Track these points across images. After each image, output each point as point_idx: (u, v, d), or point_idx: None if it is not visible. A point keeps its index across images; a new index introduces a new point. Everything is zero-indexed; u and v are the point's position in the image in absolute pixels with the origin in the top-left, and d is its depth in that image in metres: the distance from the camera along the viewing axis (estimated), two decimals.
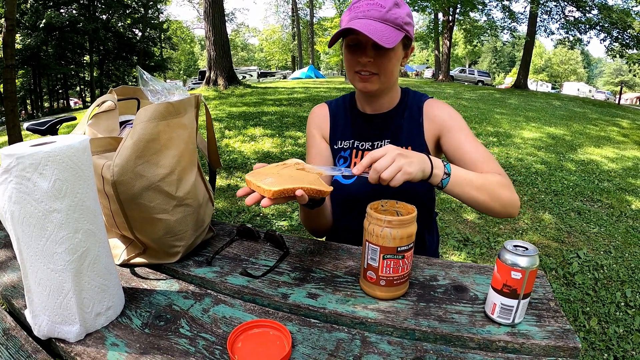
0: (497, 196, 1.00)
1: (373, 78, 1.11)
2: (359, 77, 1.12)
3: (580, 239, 3.52)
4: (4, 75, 6.06)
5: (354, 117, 1.27)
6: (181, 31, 45.62)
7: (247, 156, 5.70)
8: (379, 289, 0.84)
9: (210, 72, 12.72)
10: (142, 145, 0.86)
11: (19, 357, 0.70)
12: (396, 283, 0.83)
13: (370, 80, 1.11)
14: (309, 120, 1.34)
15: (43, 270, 0.71)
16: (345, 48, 1.13)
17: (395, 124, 1.21)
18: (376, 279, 0.83)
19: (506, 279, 0.73)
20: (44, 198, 0.67)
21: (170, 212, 0.92)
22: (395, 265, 0.81)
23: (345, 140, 1.26)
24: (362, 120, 1.25)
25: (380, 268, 0.81)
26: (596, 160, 6.17)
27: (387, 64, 1.09)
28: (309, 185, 0.83)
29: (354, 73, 1.13)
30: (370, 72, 1.09)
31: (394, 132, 1.21)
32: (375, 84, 1.12)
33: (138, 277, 0.96)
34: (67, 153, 0.68)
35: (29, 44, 24.14)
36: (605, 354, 2.13)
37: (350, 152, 1.24)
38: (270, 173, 0.86)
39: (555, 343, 0.71)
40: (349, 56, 1.12)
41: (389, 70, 1.10)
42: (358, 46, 1.09)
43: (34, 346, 0.73)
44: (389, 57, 1.08)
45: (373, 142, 1.22)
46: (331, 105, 1.33)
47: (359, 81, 1.13)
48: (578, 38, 22.30)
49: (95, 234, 0.76)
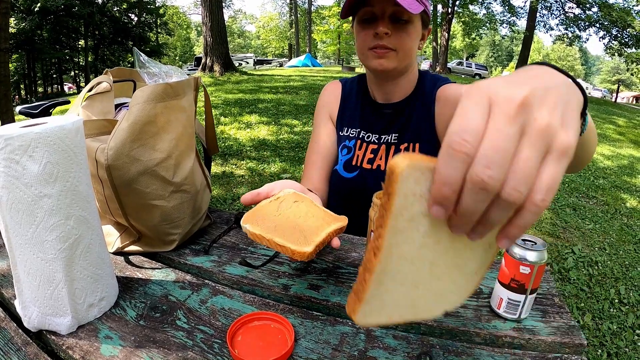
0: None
1: (390, 54, 1.00)
2: (374, 54, 1.01)
3: (576, 234, 3.53)
4: None
5: (364, 104, 1.19)
6: (177, 17, 45.31)
7: (243, 143, 5.68)
8: None
9: (206, 58, 12.66)
10: (138, 128, 0.83)
11: (8, 350, 0.67)
12: None
13: (387, 57, 1.00)
14: (320, 98, 1.27)
15: (33, 260, 0.67)
16: (358, 24, 1.04)
17: (406, 116, 1.12)
18: None
19: (514, 274, 0.70)
20: (34, 182, 0.63)
21: (166, 199, 0.89)
22: None
23: (351, 128, 1.19)
24: (372, 110, 1.17)
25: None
26: (592, 158, 6.18)
27: (406, 39, 0.99)
28: (334, 227, 0.78)
29: (367, 50, 1.02)
30: (387, 47, 0.99)
31: (404, 125, 1.12)
32: (392, 60, 1.01)
33: (132, 266, 0.93)
34: (58, 134, 0.64)
35: (23, 28, 23.84)
36: (599, 350, 2.13)
37: (355, 143, 1.17)
38: (274, 217, 0.75)
39: (561, 339, 0.69)
40: (362, 32, 1.02)
41: (408, 47, 1.00)
42: (373, 19, 1.00)
43: (23, 339, 0.70)
44: (407, 31, 0.99)
45: (380, 136, 1.14)
46: (345, 86, 1.25)
47: (374, 58, 1.02)
48: (577, 35, 22.35)
49: (88, 220, 0.72)
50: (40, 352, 0.67)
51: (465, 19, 24.71)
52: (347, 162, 1.17)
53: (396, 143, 1.11)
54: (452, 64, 29.00)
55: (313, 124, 1.28)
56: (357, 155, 1.16)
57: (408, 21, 0.98)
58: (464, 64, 30.04)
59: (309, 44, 39.80)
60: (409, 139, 1.10)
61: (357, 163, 1.15)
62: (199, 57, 21.15)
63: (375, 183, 1.11)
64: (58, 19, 25.60)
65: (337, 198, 1.19)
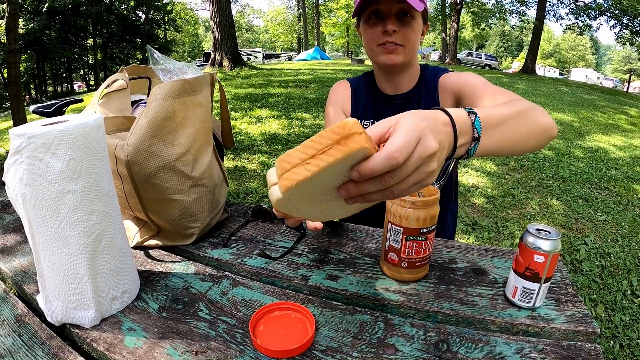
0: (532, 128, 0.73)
1: (398, 49, 1.08)
2: (383, 49, 1.09)
3: (588, 226, 3.51)
4: (7, 60, 6.04)
5: (375, 97, 1.25)
6: (185, 13, 45.35)
7: (254, 137, 5.69)
8: (401, 270, 0.83)
9: (215, 53, 12.67)
10: (157, 124, 0.85)
11: (33, 344, 0.69)
12: (418, 265, 0.82)
13: (396, 52, 1.08)
14: (329, 96, 1.32)
15: (57, 255, 0.69)
16: (365, 22, 1.10)
17: (414, 105, 1.19)
18: (398, 261, 0.82)
19: (529, 263, 0.72)
20: (58, 179, 0.65)
21: (185, 193, 0.91)
22: (417, 247, 0.80)
23: (365, 120, 1.24)
24: (383, 102, 1.23)
25: (402, 249, 0.80)
26: (604, 148, 6.12)
27: (412, 34, 1.07)
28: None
29: (376, 46, 1.10)
30: (396, 43, 1.07)
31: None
32: (400, 55, 1.09)
33: (152, 259, 0.95)
34: (81, 132, 0.66)
35: (32, 29, 23.99)
36: (612, 342, 2.13)
37: None
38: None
39: (574, 327, 0.70)
40: (370, 29, 1.09)
41: (413, 41, 1.09)
42: (380, 17, 1.07)
43: (47, 333, 0.72)
44: (412, 27, 1.07)
45: None
46: (353, 83, 1.31)
47: (383, 54, 1.09)
48: (587, 24, 22.05)
49: (110, 215, 0.74)
50: (64, 346, 0.69)
51: (474, 9, 24.47)
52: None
53: None
54: (462, 55, 28.71)
55: (325, 119, 1.33)
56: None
57: (412, 18, 1.06)
58: (473, 55, 29.73)
59: (318, 37, 39.68)
60: None
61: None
62: (207, 53, 21.18)
63: None
64: (66, 18, 25.74)
65: None
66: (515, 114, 0.69)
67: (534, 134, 0.73)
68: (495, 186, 4.25)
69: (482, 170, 4.67)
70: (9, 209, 1.26)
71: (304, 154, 0.43)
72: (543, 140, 0.77)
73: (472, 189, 4.16)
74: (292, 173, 0.43)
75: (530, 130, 0.71)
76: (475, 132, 0.57)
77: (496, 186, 4.26)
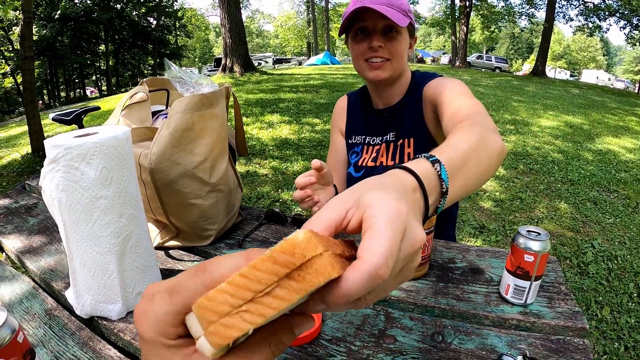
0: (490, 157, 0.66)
1: (385, 65, 1.11)
2: (369, 66, 1.12)
3: (596, 229, 3.52)
4: (22, 67, 6.12)
5: (367, 113, 1.30)
6: (196, 19, 45.74)
7: (265, 143, 5.77)
8: None
9: (226, 59, 12.79)
10: (178, 135, 0.92)
11: (63, 335, 0.76)
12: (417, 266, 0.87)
13: (382, 68, 1.11)
14: (333, 112, 1.41)
15: (89, 253, 0.76)
16: (352, 39, 1.14)
17: (400, 116, 1.22)
18: None
19: (519, 262, 0.78)
20: (91, 185, 0.72)
21: (203, 198, 0.98)
22: None
23: (357, 135, 1.31)
24: (373, 116, 1.28)
25: None
26: (614, 151, 6.10)
27: (398, 47, 1.10)
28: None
29: (363, 62, 1.13)
30: (382, 57, 1.10)
31: (400, 124, 1.22)
32: (387, 70, 1.12)
33: (173, 259, 1.03)
34: (112, 143, 0.74)
35: (45, 35, 24.46)
36: (616, 343, 2.15)
37: (362, 148, 1.29)
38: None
39: (564, 323, 0.75)
40: (356, 45, 1.13)
41: (400, 54, 1.11)
42: (366, 34, 1.10)
43: (77, 324, 0.79)
44: (398, 40, 1.09)
45: (382, 137, 1.25)
46: (350, 98, 1.37)
47: (369, 70, 1.13)
48: (597, 25, 21.88)
49: (137, 218, 0.81)
50: (93, 336, 0.76)
51: (483, 11, 24.42)
52: (356, 164, 1.29)
53: (394, 140, 1.22)
54: (472, 58, 28.60)
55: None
56: (364, 158, 1.27)
57: (398, 32, 1.09)
58: (483, 58, 29.63)
59: (327, 42, 39.73)
60: (405, 135, 1.20)
61: (363, 163, 1.27)
62: (218, 58, 21.35)
63: None
64: (78, 25, 26.17)
65: None
66: (475, 145, 0.63)
67: (493, 163, 0.66)
68: (503, 190, 4.28)
69: None
70: (32, 212, 1.35)
71: (235, 299, 0.28)
72: (498, 167, 0.69)
73: (480, 192, 4.19)
74: (224, 327, 0.28)
75: (489, 161, 0.65)
76: (443, 184, 0.50)
77: (504, 190, 4.28)
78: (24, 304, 0.86)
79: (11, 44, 24.22)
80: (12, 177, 5.34)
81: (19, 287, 0.92)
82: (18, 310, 0.84)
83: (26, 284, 0.94)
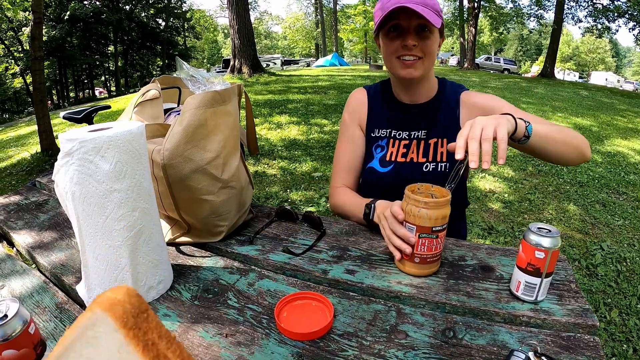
0: (574, 137, 1.05)
1: (417, 63, 1.12)
2: (402, 64, 1.13)
3: (604, 231, 3.50)
4: (32, 67, 6.17)
5: (391, 106, 1.29)
6: (204, 20, 45.94)
7: (274, 143, 5.79)
8: (413, 265, 0.89)
9: (234, 60, 12.85)
10: (190, 131, 0.93)
11: None
12: (429, 261, 0.88)
13: (415, 66, 1.13)
14: (346, 105, 1.37)
15: (101, 246, 0.77)
16: (385, 36, 1.15)
17: (431, 115, 1.24)
18: (411, 257, 0.88)
19: (530, 258, 0.78)
20: (105, 179, 0.73)
21: (215, 194, 0.99)
22: (429, 244, 0.86)
23: (382, 129, 1.29)
24: (400, 109, 1.28)
25: (415, 246, 0.87)
26: (623, 153, 6.06)
27: (431, 46, 1.12)
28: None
29: (395, 59, 1.14)
30: (415, 56, 1.11)
31: (430, 123, 1.24)
32: (419, 69, 1.13)
33: (184, 254, 1.04)
34: (127, 138, 0.74)
35: (54, 36, 24.68)
36: (625, 345, 2.14)
37: (387, 141, 1.28)
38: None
39: (574, 320, 0.75)
40: (389, 42, 1.13)
41: (432, 53, 1.13)
42: (399, 32, 1.11)
43: None
44: (431, 39, 1.11)
45: (410, 132, 1.25)
46: (370, 92, 1.35)
47: (402, 68, 1.14)
48: (606, 26, 21.73)
49: (150, 212, 0.82)
50: None
51: (492, 13, 24.32)
52: (382, 158, 1.28)
53: (425, 138, 1.24)
54: (480, 60, 28.49)
55: (340, 127, 1.39)
56: (391, 152, 1.26)
57: (430, 32, 1.11)
58: (492, 59, 29.51)
59: (336, 44, 39.78)
60: (437, 135, 1.23)
61: (392, 158, 1.26)
62: (226, 59, 21.44)
63: (408, 174, 1.21)
64: (87, 26, 26.40)
65: (372, 192, 1.27)
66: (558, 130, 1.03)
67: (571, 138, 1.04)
68: (512, 191, 4.26)
69: (500, 176, 4.68)
70: (43, 208, 1.37)
71: None
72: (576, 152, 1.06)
73: (489, 194, 4.18)
74: None
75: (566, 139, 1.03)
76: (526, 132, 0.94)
77: (513, 191, 4.26)
78: (35, 298, 0.87)
79: (21, 44, 24.48)
80: (22, 176, 5.40)
81: (29, 281, 0.94)
82: (29, 304, 0.85)
83: (37, 278, 0.95)
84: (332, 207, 1.32)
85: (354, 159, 1.33)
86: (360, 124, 1.34)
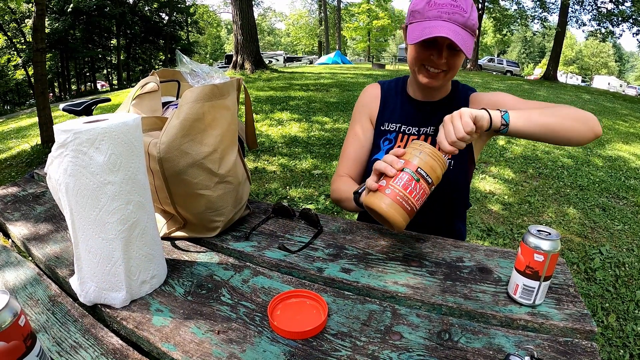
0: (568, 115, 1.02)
1: (440, 75, 1.14)
2: (427, 72, 1.14)
3: (604, 235, 3.49)
4: (34, 59, 6.14)
5: (404, 102, 1.31)
6: (207, 15, 45.88)
7: (275, 140, 5.78)
8: (381, 197, 0.85)
9: (237, 56, 12.84)
10: (188, 125, 0.92)
11: (66, 322, 0.76)
12: (399, 201, 0.84)
13: (437, 77, 1.14)
14: (360, 98, 1.39)
15: (94, 239, 0.76)
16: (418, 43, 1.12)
17: (442, 113, 1.20)
18: (384, 186, 0.86)
19: (529, 261, 0.76)
20: (99, 171, 0.72)
21: (212, 189, 0.98)
22: (407, 182, 0.84)
23: (392, 123, 1.30)
24: (411, 106, 1.29)
25: (394, 176, 0.85)
26: (624, 157, 6.04)
27: (458, 62, 1.13)
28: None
29: (420, 66, 1.15)
30: (441, 69, 1.12)
31: (439, 121, 1.21)
32: (440, 80, 1.15)
33: (179, 249, 1.03)
34: (122, 129, 0.73)
35: (57, 28, 24.63)
36: (622, 351, 2.13)
37: (396, 135, 1.28)
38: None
39: (572, 325, 0.74)
40: (420, 50, 1.12)
41: (457, 67, 1.14)
42: (433, 44, 1.10)
43: (80, 311, 0.79)
44: (460, 56, 1.11)
45: (419, 128, 1.26)
46: (384, 86, 1.37)
47: (425, 76, 1.15)
48: (610, 30, 21.68)
49: (144, 205, 0.81)
50: (96, 323, 0.76)
51: (496, 14, 24.25)
52: (388, 150, 1.26)
53: (433, 135, 1.25)
54: (483, 61, 28.38)
55: (351, 119, 1.40)
56: (399, 146, 1.27)
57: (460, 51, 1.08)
58: (495, 61, 29.42)
59: (339, 41, 39.75)
60: None
61: None
62: (229, 55, 21.41)
63: None
64: (90, 18, 26.35)
65: None
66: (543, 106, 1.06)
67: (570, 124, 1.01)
68: (512, 193, 4.25)
69: (500, 177, 4.67)
70: (40, 200, 1.36)
71: None
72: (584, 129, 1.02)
73: (488, 195, 4.16)
74: None
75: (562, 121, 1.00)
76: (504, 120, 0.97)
77: (513, 193, 4.25)
78: (28, 290, 0.86)
79: (23, 36, 24.45)
80: (21, 168, 5.38)
81: (23, 273, 0.93)
82: (21, 296, 0.84)
83: (31, 270, 0.94)
84: (331, 193, 1.33)
85: (360, 149, 1.34)
86: (370, 117, 1.35)
